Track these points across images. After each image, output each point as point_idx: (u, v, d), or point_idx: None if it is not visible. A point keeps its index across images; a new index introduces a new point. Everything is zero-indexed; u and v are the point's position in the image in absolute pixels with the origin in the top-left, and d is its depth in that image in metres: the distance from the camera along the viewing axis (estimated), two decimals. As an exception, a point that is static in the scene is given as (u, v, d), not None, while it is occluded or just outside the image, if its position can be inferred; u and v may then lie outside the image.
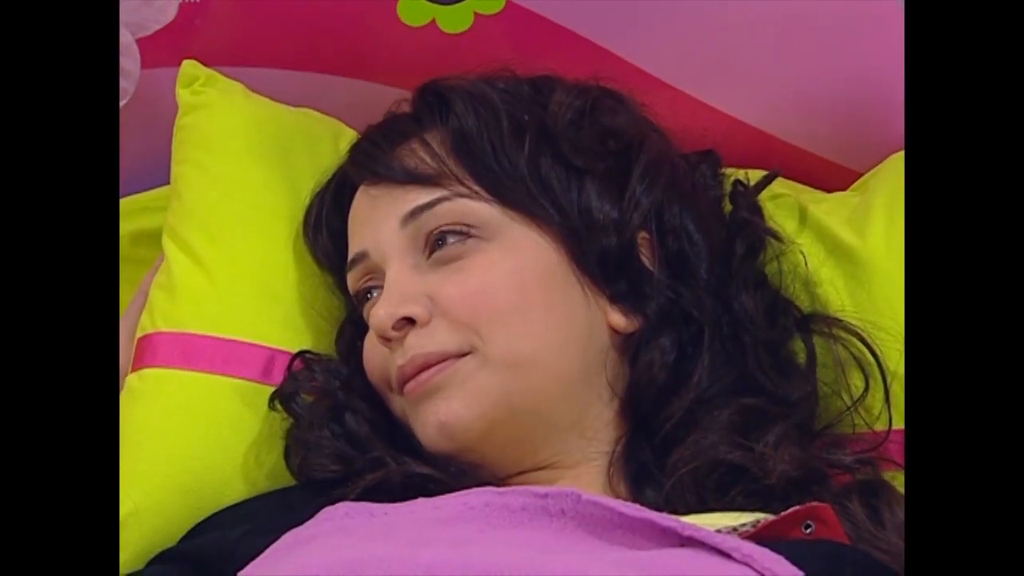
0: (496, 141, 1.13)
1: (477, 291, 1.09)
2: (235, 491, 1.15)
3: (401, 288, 1.10)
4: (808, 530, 0.98)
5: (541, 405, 1.09)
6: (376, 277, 1.14)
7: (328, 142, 1.30)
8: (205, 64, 1.30)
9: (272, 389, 1.17)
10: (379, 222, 1.14)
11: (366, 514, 1.00)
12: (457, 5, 1.30)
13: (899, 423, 1.15)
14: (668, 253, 1.15)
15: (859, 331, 1.16)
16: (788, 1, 1.31)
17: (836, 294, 1.22)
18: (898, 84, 1.32)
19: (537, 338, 1.09)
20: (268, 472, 1.16)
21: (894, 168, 1.29)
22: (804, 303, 1.21)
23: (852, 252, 1.23)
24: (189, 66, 1.29)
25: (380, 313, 1.09)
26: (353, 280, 1.17)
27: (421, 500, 1.01)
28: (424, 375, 1.08)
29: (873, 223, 1.23)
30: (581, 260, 1.12)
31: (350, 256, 1.16)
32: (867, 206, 1.25)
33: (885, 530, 1.02)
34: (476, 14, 1.31)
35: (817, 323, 1.18)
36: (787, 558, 0.90)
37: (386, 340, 1.10)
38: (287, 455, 1.15)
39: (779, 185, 1.28)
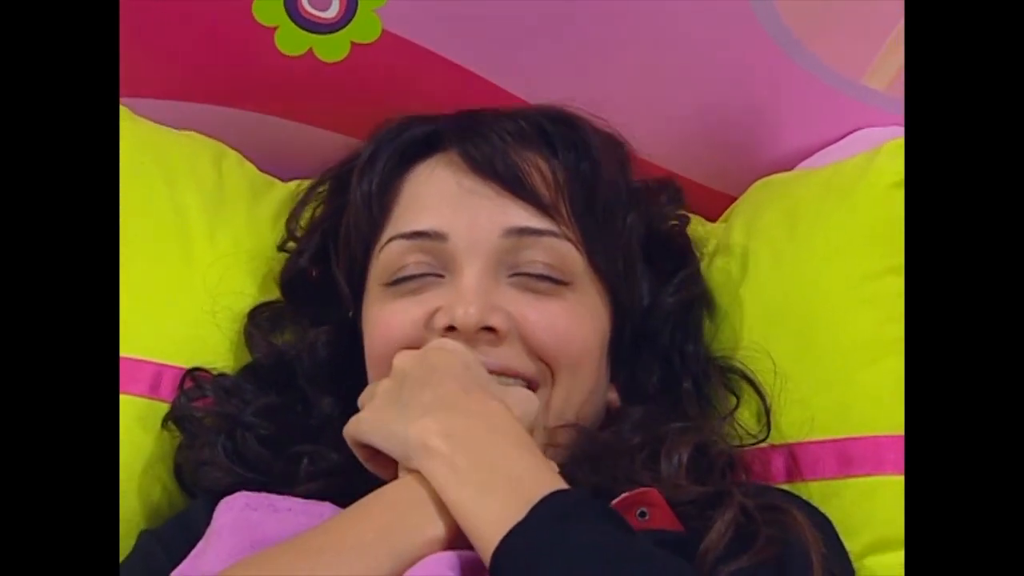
0: (611, 203, 1.17)
1: (564, 333, 1.10)
2: (129, 505, 1.15)
3: (487, 295, 1.09)
4: (644, 517, 0.98)
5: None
6: (437, 264, 1.12)
7: (209, 163, 1.32)
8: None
9: (161, 404, 1.18)
10: (476, 217, 1.12)
11: (268, 508, 1.01)
12: (334, 34, 1.32)
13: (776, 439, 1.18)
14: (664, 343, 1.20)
15: (741, 368, 1.20)
16: (657, 28, 1.34)
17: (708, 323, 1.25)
18: (765, 109, 1.38)
19: (584, 396, 1.12)
20: (162, 486, 1.17)
21: (752, 197, 1.34)
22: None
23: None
24: (74, 90, 1.30)
25: (472, 312, 1.07)
26: (401, 251, 1.13)
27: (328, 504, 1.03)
28: None
29: (732, 253, 1.28)
30: (614, 337, 1.16)
31: (414, 227, 1.14)
32: (727, 240, 1.29)
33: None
34: (353, 43, 1.33)
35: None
36: None
37: (446, 332, 1.08)
38: (178, 472, 1.16)
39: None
